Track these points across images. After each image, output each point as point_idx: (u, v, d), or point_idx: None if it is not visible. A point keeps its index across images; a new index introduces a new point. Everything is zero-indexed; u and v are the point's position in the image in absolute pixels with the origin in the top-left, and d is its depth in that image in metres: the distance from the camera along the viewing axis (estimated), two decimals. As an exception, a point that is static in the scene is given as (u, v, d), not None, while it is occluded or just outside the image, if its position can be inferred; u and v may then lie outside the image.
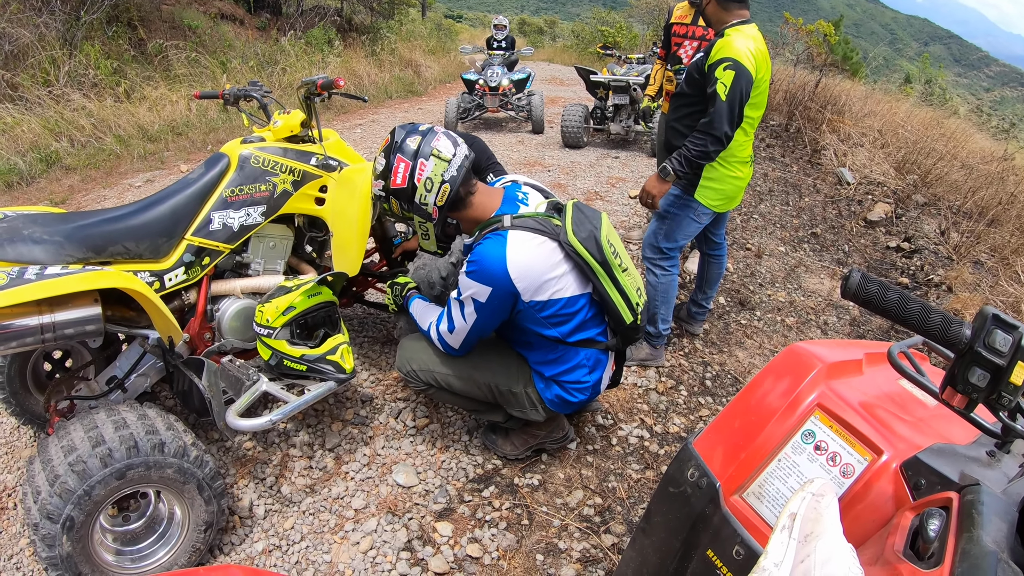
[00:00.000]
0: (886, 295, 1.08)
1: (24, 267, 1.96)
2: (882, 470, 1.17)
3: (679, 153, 2.93)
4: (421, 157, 2.18)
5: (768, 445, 1.30)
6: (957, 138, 8.33)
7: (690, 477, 1.40)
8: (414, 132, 2.23)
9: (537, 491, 2.58)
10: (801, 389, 1.32)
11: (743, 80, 2.83)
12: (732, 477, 1.32)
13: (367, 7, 15.96)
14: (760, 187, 7.20)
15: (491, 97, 9.20)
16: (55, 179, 6.59)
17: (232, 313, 2.56)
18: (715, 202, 3.18)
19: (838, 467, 1.22)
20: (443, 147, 2.20)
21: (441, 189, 2.20)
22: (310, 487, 2.54)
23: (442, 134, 2.24)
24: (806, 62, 11.85)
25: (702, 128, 2.89)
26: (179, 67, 9.49)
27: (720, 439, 1.42)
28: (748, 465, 1.31)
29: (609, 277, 2.21)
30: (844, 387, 1.32)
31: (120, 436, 1.90)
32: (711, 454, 1.40)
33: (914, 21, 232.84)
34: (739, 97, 2.84)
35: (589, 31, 25.76)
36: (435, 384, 2.47)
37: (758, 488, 1.29)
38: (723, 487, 1.32)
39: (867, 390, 1.34)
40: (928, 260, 5.31)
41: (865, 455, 1.20)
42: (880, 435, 1.20)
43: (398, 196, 2.25)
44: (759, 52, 2.91)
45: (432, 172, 2.18)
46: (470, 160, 2.27)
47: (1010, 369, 0.97)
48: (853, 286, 1.10)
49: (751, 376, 3.45)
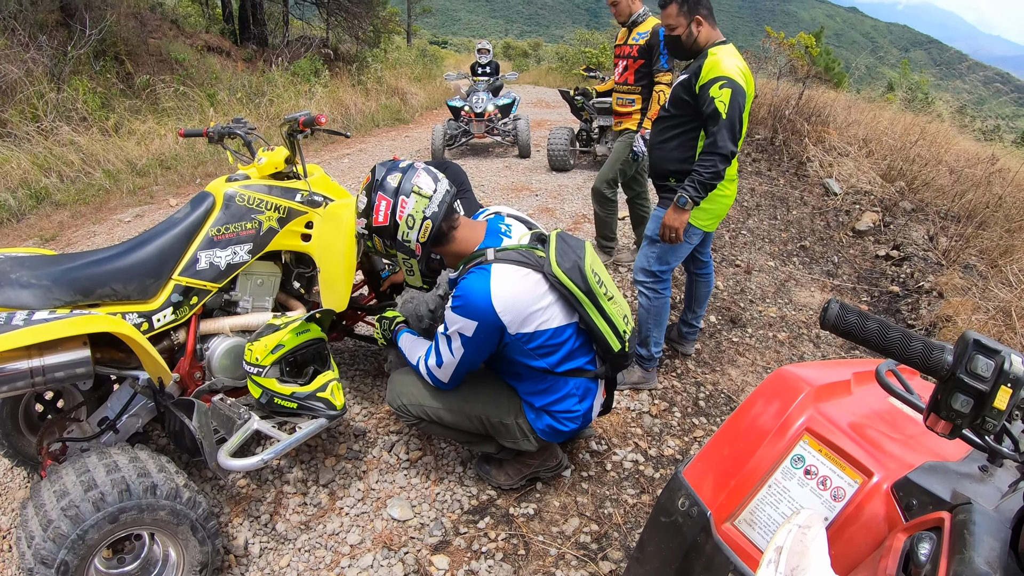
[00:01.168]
0: (865, 325, 1.07)
1: (12, 312, 1.97)
2: (873, 492, 1.17)
3: (691, 180, 2.93)
4: (402, 194, 2.19)
5: (758, 472, 1.30)
6: (941, 142, 8.39)
7: (681, 506, 1.39)
8: (394, 169, 2.24)
9: (533, 520, 2.57)
10: (789, 414, 1.32)
11: (739, 97, 2.86)
12: (723, 505, 1.32)
13: (352, 36, 16.09)
14: (747, 202, 7.23)
15: (477, 123, 9.25)
16: (45, 215, 6.59)
17: (222, 352, 2.57)
18: (706, 222, 3.20)
19: (829, 491, 1.22)
20: (423, 183, 2.21)
21: (423, 225, 2.21)
22: (305, 524, 2.53)
23: (422, 170, 2.25)
24: (789, 75, 11.95)
25: (708, 149, 2.90)
26: (166, 100, 9.53)
27: (710, 467, 1.42)
28: (739, 492, 1.31)
29: (595, 306, 2.22)
30: (833, 409, 1.32)
31: (112, 480, 1.90)
32: (701, 482, 1.39)
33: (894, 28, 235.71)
34: (738, 113, 2.86)
35: (573, 53, 25.99)
36: (426, 418, 2.47)
37: (749, 515, 1.29)
38: (714, 515, 1.32)
39: (856, 410, 1.34)
40: (918, 267, 5.34)
41: (856, 478, 1.20)
42: (870, 456, 1.21)
43: (381, 234, 2.26)
44: (747, 69, 2.95)
45: (413, 209, 2.19)
46: (451, 195, 2.28)
47: (993, 394, 0.97)
48: (832, 317, 1.09)
49: (745, 395, 3.45)
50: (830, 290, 5.10)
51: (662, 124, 3.22)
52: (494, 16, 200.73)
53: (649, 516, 1.55)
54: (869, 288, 5.18)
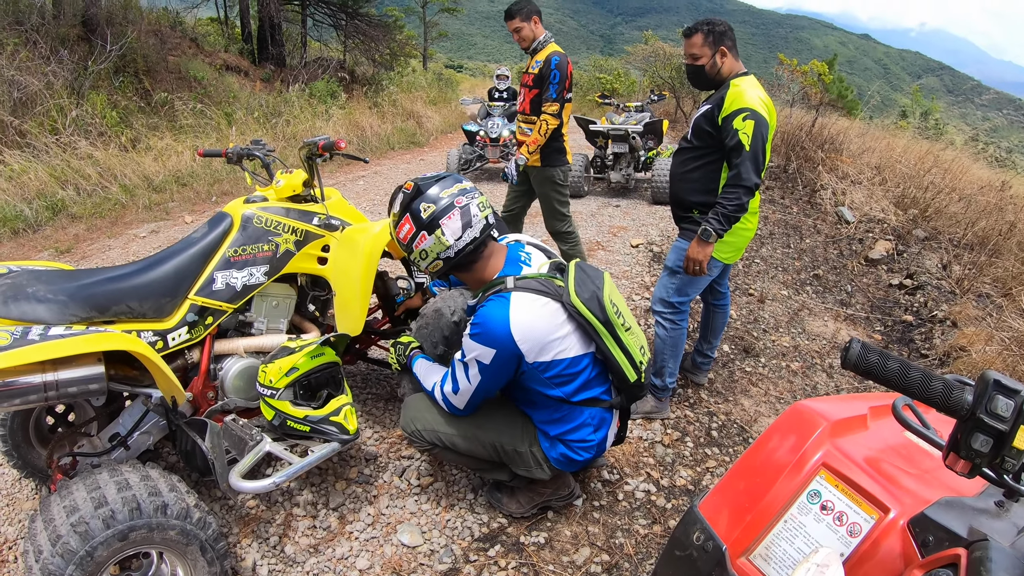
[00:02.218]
0: (887, 364, 1.08)
1: (28, 326, 1.98)
2: (889, 528, 1.16)
3: (715, 213, 2.93)
4: (425, 230, 2.21)
5: (774, 506, 1.29)
6: (954, 170, 8.39)
7: (696, 540, 1.38)
8: (432, 202, 2.21)
9: (543, 549, 2.54)
10: (806, 449, 1.32)
11: (762, 128, 2.87)
12: (738, 539, 1.31)
13: (369, 59, 16.29)
14: (761, 231, 7.22)
15: (492, 148, 9.30)
16: (61, 227, 6.65)
17: (235, 372, 2.57)
18: (726, 255, 3.19)
19: (845, 526, 1.21)
20: (449, 230, 2.20)
21: (433, 263, 2.26)
22: (314, 547, 2.51)
23: (458, 213, 2.21)
24: (802, 102, 12.01)
25: (732, 181, 2.91)
26: (184, 117, 9.64)
27: (725, 501, 1.41)
28: (754, 527, 1.30)
29: (612, 337, 2.21)
30: (849, 444, 1.32)
31: (123, 497, 1.89)
32: (717, 516, 1.38)
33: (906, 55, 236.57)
34: (761, 145, 2.88)
35: (587, 79, 26.14)
36: (440, 444, 2.46)
37: (765, 550, 1.28)
38: (729, 550, 1.30)
39: (872, 445, 1.34)
40: (931, 296, 5.31)
41: (872, 513, 1.19)
42: (886, 492, 1.20)
43: (400, 245, 2.32)
44: (767, 100, 2.96)
45: (430, 247, 2.23)
46: (478, 241, 2.25)
47: (1012, 434, 0.97)
48: (853, 357, 1.10)
49: (758, 425, 3.43)
50: (843, 319, 5.07)
51: (684, 155, 3.21)
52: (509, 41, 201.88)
53: (663, 549, 1.53)
54: (882, 317, 5.15)
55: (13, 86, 7.84)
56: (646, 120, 8.47)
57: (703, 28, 3.03)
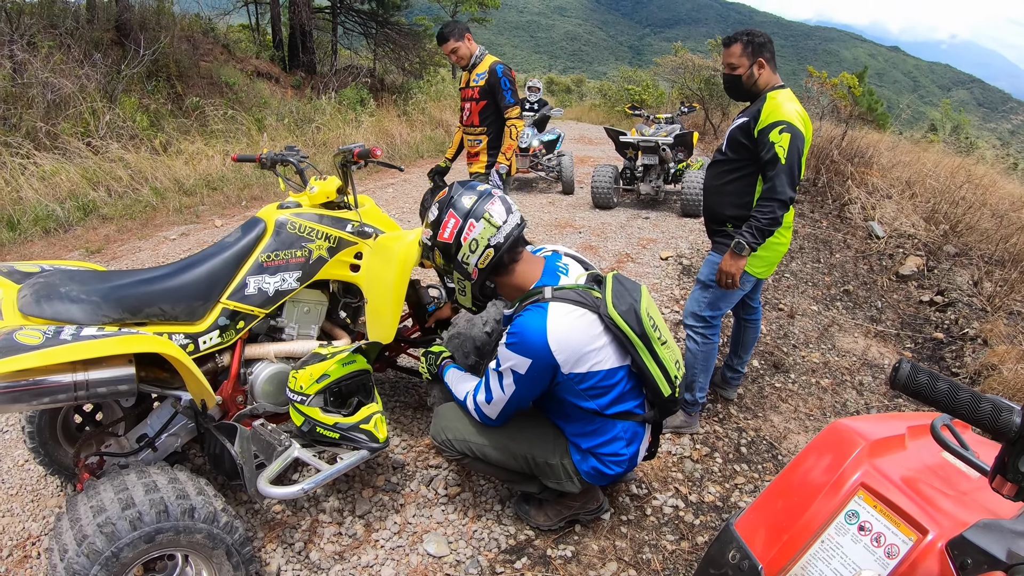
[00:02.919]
0: (936, 385, 1.07)
1: (61, 326, 1.98)
2: (928, 550, 1.15)
3: (749, 226, 2.90)
4: (472, 217, 2.19)
5: (811, 526, 1.28)
6: (986, 185, 8.28)
7: (731, 559, 1.38)
8: (472, 191, 2.25)
9: (570, 563, 2.52)
10: (844, 468, 1.31)
11: (799, 141, 2.85)
12: (774, 559, 1.30)
13: (399, 67, 16.45)
14: (791, 245, 7.15)
15: (521, 158, 9.29)
16: (92, 228, 6.76)
17: (265, 377, 2.57)
18: (759, 269, 3.17)
19: (883, 548, 1.20)
20: (496, 212, 2.21)
21: (485, 253, 2.21)
22: (339, 554, 2.50)
23: (498, 199, 2.25)
24: (831, 115, 11.90)
25: (767, 195, 2.88)
26: (215, 123, 9.77)
27: (762, 520, 1.40)
28: (791, 547, 1.29)
29: (648, 350, 2.19)
30: (888, 464, 1.30)
31: (151, 499, 1.89)
32: (753, 535, 1.38)
33: (936, 67, 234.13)
34: (797, 158, 2.85)
35: (616, 90, 26.22)
36: (470, 454, 2.45)
37: (800, 571, 1.27)
38: (765, 570, 1.30)
39: (911, 465, 1.32)
40: (962, 313, 5.22)
41: (910, 535, 1.18)
42: (925, 513, 1.18)
43: (443, 250, 2.26)
44: (804, 114, 2.93)
45: (479, 234, 2.19)
46: (520, 229, 2.27)
47: None
48: (903, 378, 1.08)
49: (787, 442, 3.38)
50: (874, 336, 4.99)
51: (718, 168, 3.18)
52: (538, 51, 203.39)
53: (697, 567, 1.52)
54: (913, 334, 5.07)
55: (47, 88, 8.01)
56: (676, 132, 8.43)
57: (742, 38, 3.01)
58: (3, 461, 3.01)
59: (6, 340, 1.81)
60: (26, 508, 2.71)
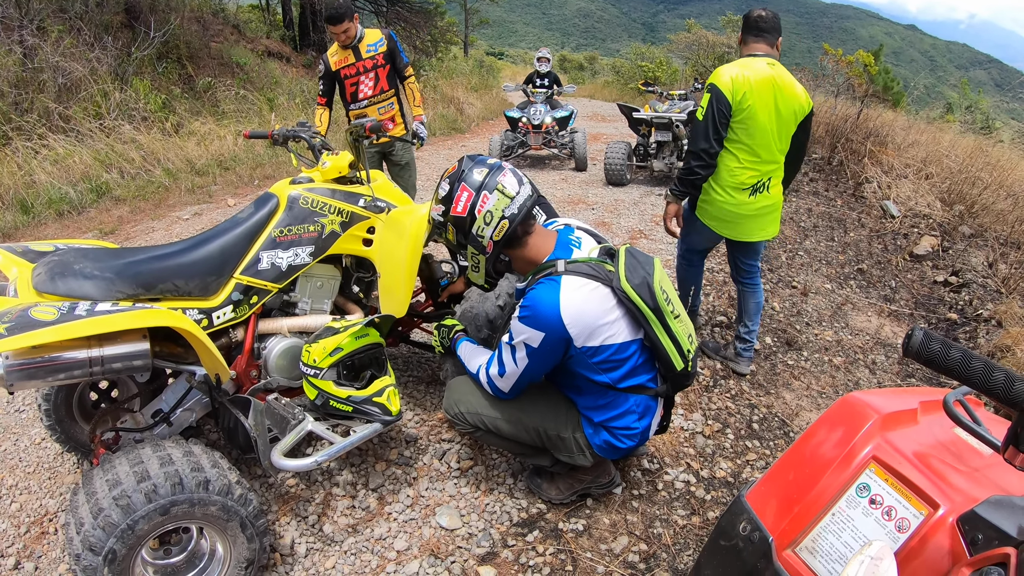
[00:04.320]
0: (949, 353, 1.05)
1: (76, 302, 1.99)
2: (938, 524, 1.15)
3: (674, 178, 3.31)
4: (485, 189, 2.18)
5: (822, 499, 1.29)
6: (1003, 166, 8.14)
7: (742, 531, 1.38)
8: (482, 164, 2.24)
9: (582, 536, 2.53)
10: (856, 441, 1.31)
11: (717, 101, 3.19)
12: (785, 531, 1.31)
13: (411, 45, 16.34)
14: (804, 223, 7.10)
15: (534, 135, 9.27)
16: (105, 209, 6.78)
17: (279, 351, 2.59)
18: (710, 222, 3.52)
19: (893, 521, 1.20)
20: (508, 183, 2.20)
21: (500, 224, 2.19)
22: (352, 527, 2.53)
23: (509, 171, 2.24)
24: (847, 93, 11.74)
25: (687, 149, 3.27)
26: (227, 103, 9.77)
27: (773, 492, 1.40)
28: (802, 519, 1.30)
29: (661, 324, 2.18)
30: (899, 438, 1.30)
31: (165, 472, 1.91)
32: (764, 507, 1.38)
33: (953, 47, 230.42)
34: (713, 116, 3.20)
35: (629, 67, 25.99)
36: (483, 427, 2.45)
37: (811, 543, 1.28)
38: (776, 541, 1.30)
39: (923, 440, 1.32)
40: (977, 294, 5.17)
41: (921, 509, 1.18)
42: (936, 488, 1.18)
43: (456, 225, 2.24)
44: (747, 79, 3.15)
45: (493, 206, 2.18)
46: (533, 200, 2.26)
47: None
48: (916, 345, 1.07)
49: (799, 419, 3.37)
50: (887, 315, 4.96)
51: None
52: (550, 29, 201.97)
53: (708, 539, 1.52)
54: (926, 315, 5.03)
55: (58, 72, 8.01)
56: (690, 108, 8.34)
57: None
58: (20, 439, 3.04)
59: (22, 316, 1.82)
60: (43, 485, 2.75)
